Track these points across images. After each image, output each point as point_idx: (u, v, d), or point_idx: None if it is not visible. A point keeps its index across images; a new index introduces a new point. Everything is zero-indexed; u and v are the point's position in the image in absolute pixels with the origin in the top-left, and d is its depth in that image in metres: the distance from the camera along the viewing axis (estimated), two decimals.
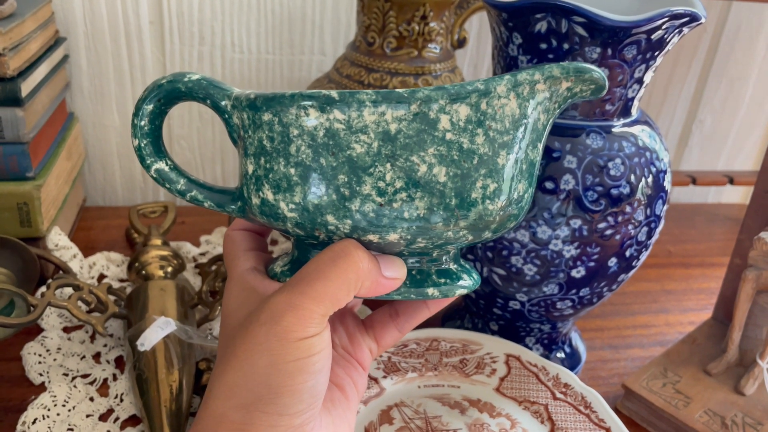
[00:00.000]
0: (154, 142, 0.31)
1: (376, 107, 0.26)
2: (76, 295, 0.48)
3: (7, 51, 0.51)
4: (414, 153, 0.27)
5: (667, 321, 0.62)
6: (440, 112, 0.27)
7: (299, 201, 0.28)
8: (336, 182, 0.27)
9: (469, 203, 0.28)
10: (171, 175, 0.32)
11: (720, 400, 0.48)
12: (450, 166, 0.27)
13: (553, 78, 0.29)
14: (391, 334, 0.35)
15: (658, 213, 0.44)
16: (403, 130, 0.27)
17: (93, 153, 0.74)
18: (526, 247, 0.42)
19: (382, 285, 0.29)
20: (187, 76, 0.30)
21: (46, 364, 0.48)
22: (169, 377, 0.44)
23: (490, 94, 0.27)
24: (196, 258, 0.63)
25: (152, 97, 0.30)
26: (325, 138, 0.27)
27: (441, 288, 0.31)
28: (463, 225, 0.28)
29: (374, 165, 0.27)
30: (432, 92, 0.27)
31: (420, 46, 0.56)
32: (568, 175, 0.41)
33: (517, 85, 0.28)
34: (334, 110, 0.27)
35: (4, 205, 0.54)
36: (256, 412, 0.28)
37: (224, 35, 0.71)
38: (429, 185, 0.27)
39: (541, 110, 0.29)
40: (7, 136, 0.53)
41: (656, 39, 0.38)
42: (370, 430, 0.41)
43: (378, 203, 0.27)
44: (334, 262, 0.28)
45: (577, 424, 0.42)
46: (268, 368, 0.27)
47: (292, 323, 0.27)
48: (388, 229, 0.28)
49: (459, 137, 0.27)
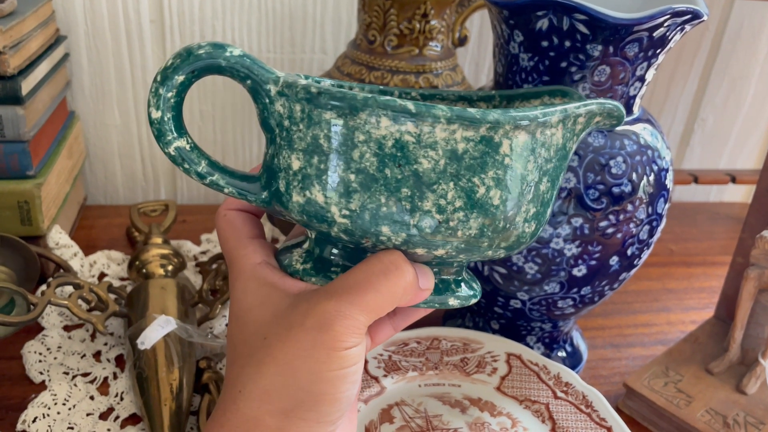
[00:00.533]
0: (177, 116, 0.28)
1: (449, 125, 0.26)
2: (77, 294, 0.48)
3: (8, 49, 0.51)
4: (476, 174, 0.27)
5: (669, 320, 0.62)
6: (504, 137, 0.27)
7: (355, 209, 0.27)
8: (399, 194, 0.27)
9: (512, 226, 0.29)
10: (192, 156, 0.29)
11: (722, 399, 0.47)
12: (504, 189, 0.28)
13: (592, 114, 0.31)
14: (386, 331, 0.35)
15: (660, 211, 0.44)
16: (469, 150, 0.27)
17: (94, 151, 0.74)
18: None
19: (420, 296, 0.30)
20: (228, 49, 0.28)
21: (46, 363, 0.48)
22: (170, 376, 0.44)
23: (546, 124, 0.28)
24: (196, 256, 0.63)
25: (185, 68, 0.27)
26: (393, 149, 0.26)
27: (459, 297, 0.31)
28: (504, 246, 0.29)
29: (438, 182, 0.27)
30: (501, 116, 0.27)
31: (421, 44, 0.56)
32: (569, 174, 0.41)
33: (566, 117, 0.29)
34: (408, 122, 0.26)
35: (5, 204, 0.54)
36: (294, 419, 0.28)
37: (225, 34, 0.70)
38: (485, 207, 0.28)
39: (574, 141, 0.31)
40: (7, 134, 0.53)
41: (658, 37, 0.38)
42: (370, 428, 0.41)
43: (437, 220, 0.27)
44: (385, 276, 0.28)
45: (579, 423, 0.42)
46: (310, 376, 0.27)
47: (340, 333, 0.27)
48: (438, 245, 0.28)
49: (515, 162, 0.28)
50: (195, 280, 0.59)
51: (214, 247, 0.65)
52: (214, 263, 0.57)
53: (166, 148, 0.29)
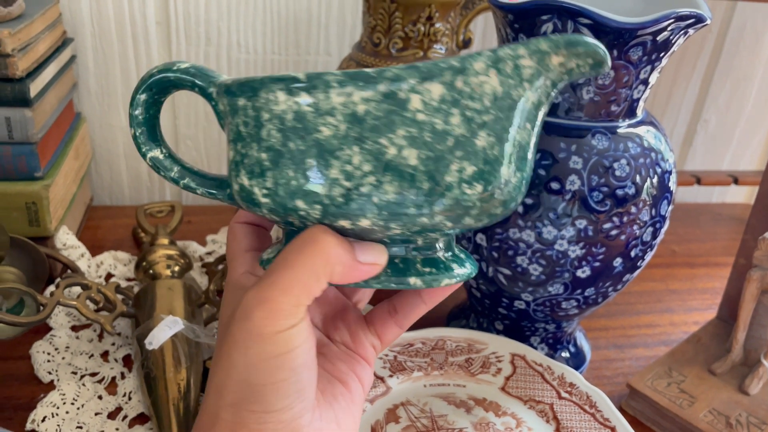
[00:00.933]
0: (150, 130, 0.32)
1: (343, 88, 0.25)
2: (85, 294, 0.48)
3: (16, 52, 0.51)
4: (382, 135, 0.25)
5: (672, 320, 0.62)
6: (411, 92, 0.25)
7: (271, 186, 0.27)
8: (304, 166, 0.26)
9: (443, 188, 0.26)
10: (165, 163, 0.33)
11: (724, 400, 0.48)
12: (422, 148, 0.26)
13: (541, 52, 0.26)
14: (391, 330, 0.35)
15: (663, 213, 0.44)
16: (371, 111, 0.25)
17: (100, 153, 0.74)
18: (531, 247, 0.43)
19: (358, 270, 0.28)
20: (177, 65, 0.31)
21: (54, 363, 0.48)
22: (177, 376, 0.44)
23: (466, 71, 0.25)
24: (202, 257, 0.63)
25: (144, 87, 0.31)
26: (293, 121, 0.26)
27: (425, 278, 0.29)
28: (438, 210, 0.26)
29: (341, 148, 0.26)
30: (402, 71, 0.25)
31: (425, 46, 0.57)
32: (573, 176, 0.41)
33: (497, 61, 0.26)
34: (302, 93, 0.26)
35: (13, 205, 0.55)
36: (243, 411, 0.28)
37: (230, 36, 0.71)
38: (398, 169, 0.26)
39: (530, 88, 0.27)
40: (15, 136, 0.54)
41: (662, 40, 0.39)
42: (376, 428, 0.41)
43: (346, 187, 0.26)
44: (300, 250, 0.27)
45: (582, 424, 0.42)
46: (246, 367, 0.27)
47: (261, 318, 0.27)
48: (358, 214, 0.27)
49: (432, 118, 0.25)
50: (201, 281, 0.59)
51: (220, 248, 0.65)
52: (220, 264, 0.58)
53: (144, 158, 0.33)
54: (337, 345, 0.34)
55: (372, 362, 0.35)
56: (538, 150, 0.42)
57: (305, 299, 0.27)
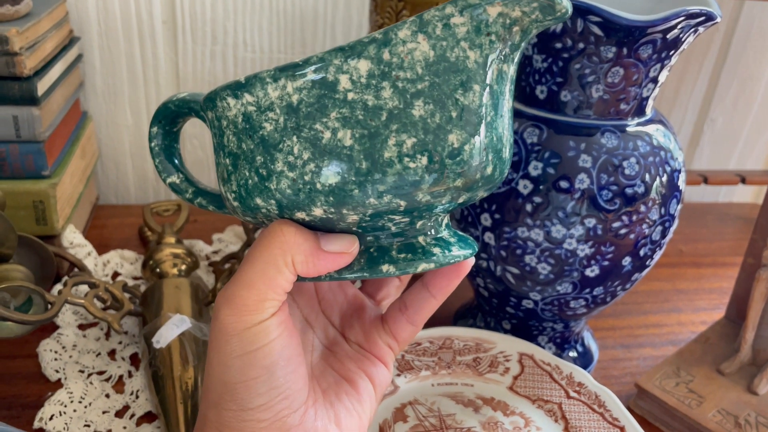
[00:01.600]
0: (168, 158, 0.34)
1: (277, 82, 0.26)
2: (92, 293, 0.48)
3: (24, 50, 0.51)
4: (317, 120, 0.26)
5: (679, 320, 0.62)
6: (338, 73, 0.25)
7: (235, 189, 0.28)
8: (255, 164, 0.27)
9: (382, 164, 0.25)
10: (182, 186, 0.35)
11: (733, 400, 0.48)
12: (355, 127, 0.25)
13: (471, 6, 0.24)
14: (404, 328, 0.34)
15: (672, 212, 0.44)
16: (304, 99, 0.26)
17: (106, 152, 0.74)
18: (540, 246, 0.42)
19: (325, 260, 0.27)
20: (177, 96, 0.33)
21: (62, 361, 0.48)
22: (185, 374, 0.44)
23: (391, 42, 0.25)
24: (208, 256, 0.63)
25: (153, 120, 0.33)
26: (243, 123, 0.27)
27: (398, 264, 0.28)
28: (383, 190, 0.26)
29: (282, 140, 0.26)
30: (325, 54, 0.25)
31: None
32: (582, 174, 0.41)
33: (424, 25, 0.25)
34: (245, 94, 0.27)
35: (21, 204, 0.55)
36: (222, 410, 0.28)
37: (236, 34, 0.71)
38: (335, 152, 0.25)
39: (469, 47, 0.25)
40: (23, 135, 0.54)
41: (672, 38, 0.38)
42: (384, 427, 0.41)
43: (291, 178, 0.26)
44: (258, 243, 0.28)
45: (591, 423, 0.42)
46: (219, 366, 0.27)
47: (227, 315, 0.27)
48: (308, 204, 0.27)
49: (362, 95, 0.25)
50: (207, 280, 0.59)
51: (226, 247, 0.65)
52: (226, 263, 0.58)
53: (165, 182, 0.35)
54: (350, 344, 0.34)
55: (389, 364, 0.34)
56: (547, 148, 0.42)
57: (270, 294, 0.27)
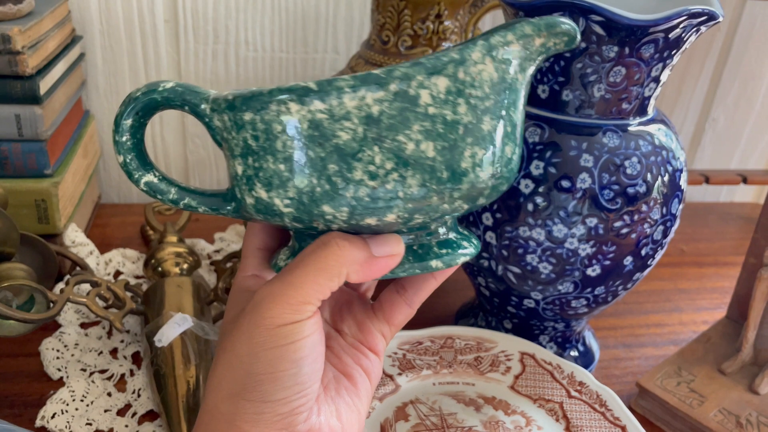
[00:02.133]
0: (139, 155, 0.31)
1: (356, 92, 0.26)
2: (95, 292, 0.48)
3: (26, 49, 0.52)
4: (399, 132, 0.27)
5: (681, 320, 0.62)
6: (420, 88, 0.26)
7: (293, 195, 0.28)
8: (327, 172, 0.27)
9: (460, 174, 0.28)
10: (161, 186, 0.32)
11: (734, 399, 0.48)
12: (437, 140, 0.27)
13: (527, 36, 0.28)
14: (402, 310, 0.34)
15: (674, 212, 0.44)
16: (385, 111, 0.26)
17: (108, 150, 0.74)
18: (541, 246, 0.42)
19: (378, 265, 0.29)
20: (161, 84, 0.30)
21: (64, 360, 0.48)
22: (187, 373, 0.44)
23: (466, 62, 0.27)
24: (210, 255, 0.64)
25: (129, 111, 0.30)
26: (309, 130, 0.27)
27: (443, 258, 0.31)
28: (458, 196, 0.28)
29: (362, 150, 0.27)
30: (409, 69, 0.26)
31: (434, 44, 0.56)
32: (584, 174, 0.41)
33: (491, 48, 0.28)
34: (314, 101, 0.26)
35: (23, 202, 0.55)
36: (241, 401, 0.28)
37: (238, 33, 0.71)
38: (419, 162, 0.27)
39: (518, 70, 0.29)
40: (25, 133, 0.54)
41: (674, 38, 0.38)
42: (386, 426, 0.41)
43: (371, 187, 0.27)
44: (314, 252, 0.29)
45: (593, 423, 0.42)
46: (248, 356, 0.28)
47: (269, 309, 0.28)
48: (384, 210, 0.28)
49: (441, 110, 0.27)
50: (209, 279, 0.59)
51: (227, 246, 0.65)
52: (228, 261, 0.58)
53: (137, 184, 0.31)
54: (345, 337, 0.34)
55: (381, 352, 0.35)
56: (549, 148, 0.42)
57: (314, 297, 0.28)
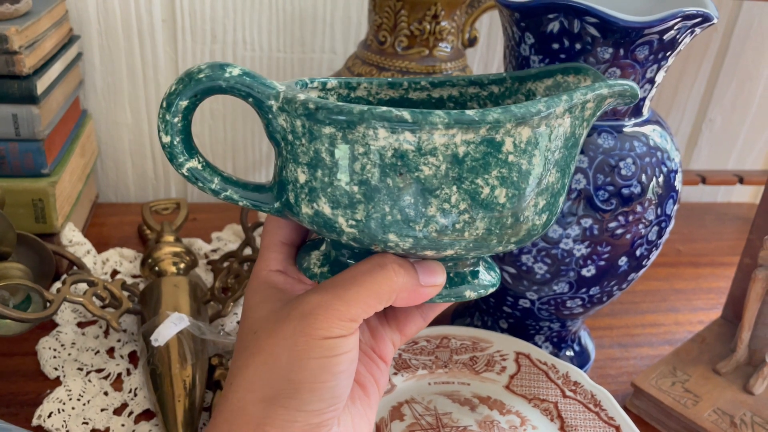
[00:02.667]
0: (186, 139, 0.29)
1: (448, 130, 0.26)
2: (91, 291, 0.48)
3: (23, 49, 0.52)
4: (479, 176, 0.27)
5: (677, 320, 0.62)
6: (506, 135, 0.27)
7: (361, 219, 0.28)
8: (402, 203, 0.27)
9: (521, 221, 0.29)
10: (204, 174, 0.30)
11: (729, 399, 0.48)
12: (510, 187, 0.27)
13: (602, 97, 0.29)
14: (415, 322, 0.35)
15: (669, 213, 0.44)
16: (470, 153, 0.26)
17: (105, 150, 0.74)
18: (536, 246, 0.43)
19: (423, 293, 0.30)
20: (228, 70, 0.28)
21: (60, 359, 0.48)
22: (183, 372, 0.44)
23: (550, 115, 0.27)
24: (207, 255, 0.64)
25: (188, 93, 0.28)
26: (393, 158, 0.26)
27: (475, 288, 0.31)
28: (513, 240, 0.29)
29: (441, 187, 0.27)
30: (501, 115, 0.26)
31: (431, 45, 0.57)
32: (579, 175, 0.41)
33: (572, 106, 0.28)
34: (406, 132, 0.26)
35: (20, 202, 0.55)
36: (275, 407, 0.28)
37: (236, 33, 0.71)
38: (490, 207, 0.27)
39: (585, 126, 0.30)
40: (22, 133, 0.54)
41: (668, 39, 0.39)
42: (381, 426, 0.41)
43: (442, 224, 0.27)
44: (370, 273, 0.29)
45: (587, 422, 0.42)
46: (291, 363, 0.28)
47: (319, 321, 0.28)
48: (446, 247, 0.28)
49: (520, 159, 0.27)
50: (206, 278, 0.59)
51: (225, 246, 0.65)
52: (225, 261, 0.58)
53: (179, 169, 0.29)
54: (360, 347, 0.34)
55: (389, 360, 0.35)
56: None
57: (363, 315, 0.29)
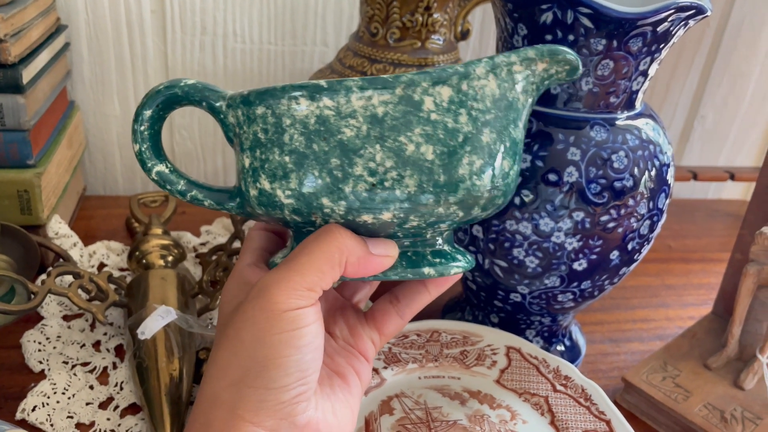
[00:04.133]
0: (154, 146, 0.33)
1: (363, 92, 0.28)
2: (77, 283, 0.48)
3: (9, 37, 0.51)
4: (401, 133, 0.28)
5: (667, 315, 0.62)
6: (424, 94, 0.28)
7: (295, 187, 0.29)
8: (329, 166, 0.29)
9: (457, 179, 0.29)
10: (171, 177, 0.33)
11: (719, 395, 0.48)
12: (437, 144, 0.29)
13: (529, 59, 0.31)
14: (393, 321, 0.36)
15: (661, 206, 0.44)
16: (389, 112, 0.28)
17: (93, 142, 0.74)
18: (528, 240, 0.42)
19: (372, 262, 0.30)
20: (183, 81, 0.32)
21: (45, 352, 0.48)
22: (170, 366, 0.44)
23: (470, 76, 0.29)
24: (196, 248, 0.63)
25: (151, 103, 0.32)
26: (316, 125, 0.28)
27: (437, 267, 0.32)
28: (453, 201, 0.29)
29: (364, 147, 0.28)
30: (415, 76, 0.28)
31: (423, 37, 0.56)
32: (571, 167, 0.41)
33: (495, 67, 0.30)
34: (324, 98, 0.28)
35: (5, 193, 0.54)
36: (244, 388, 0.28)
37: (226, 25, 0.70)
38: (417, 163, 0.28)
39: (520, 90, 0.31)
40: (8, 123, 0.53)
41: (662, 31, 0.38)
42: (370, 420, 0.41)
43: (370, 183, 0.28)
44: (316, 239, 0.30)
45: (577, 416, 0.42)
46: (254, 342, 0.28)
47: (276, 294, 0.28)
48: (381, 208, 0.29)
49: (443, 117, 0.29)
50: (195, 271, 0.59)
51: (214, 239, 0.65)
52: (213, 254, 0.57)
53: (149, 174, 0.33)
54: (336, 340, 0.35)
55: (371, 358, 0.36)
56: (537, 141, 0.41)
57: (317, 284, 0.29)
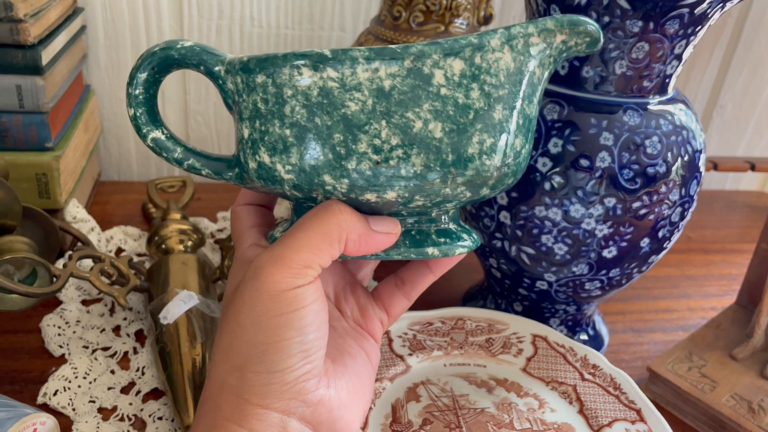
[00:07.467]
0: (150, 110, 0.31)
1: (369, 64, 0.26)
2: (98, 267, 0.47)
3: (28, 17, 0.50)
4: (409, 109, 0.26)
5: (689, 306, 0.61)
6: (434, 67, 0.26)
7: (296, 162, 0.28)
8: (332, 141, 0.27)
9: (466, 159, 0.27)
10: (168, 144, 0.31)
11: (746, 385, 0.47)
12: (446, 121, 0.27)
13: (548, 31, 0.28)
14: (399, 302, 0.36)
15: (692, 194, 0.43)
16: (397, 86, 0.26)
17: (108, 127, 0.73)
18: (557, 226, 0.42)
19: (373, 239, 0.29)
20: (180, 42, 0.30)
21: (65, 336, 0.47)
22: (192, 351, 0.43)
23: (484, 48, 0.27)
24: (213, 234, 0.62)
25: (146, 65, 0.30)
26: (319, 97, 0.27)
27: (441, 247, 0.30)
28: (461, 181, 0.28)
29: (369, 122, 0.26)
30: (425, 47, 0.26)
31: (447, 21, 0.55)
32: (604, 153, 0.40)
33: (511, 38, 0.27)
34: (327, 68, 0.26)
35: (23, 176, 0.54)
36: (247, 373, 0.28)
37: (243, 9, 0.69)
38: (425, 141, 0.27)
39: (537, 64, 0.29)
40: (26, 105, 0.52)
41: (699, 13, 0.37)
42: (396, 406, 0.40)
43: (374, 161, 0.27)
44: (315, 215, 0.28)
45: (607, 405, 0.41)
46: (253, 326, 0.27)
47: (271, 273, 0.27)
48: (385, 186, 0.27)
49: (454, 92, 0.27)
50: (213, 258, 0.58)
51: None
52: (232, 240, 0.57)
53: (144, 140, 0.31)
54: (347, 320, 0.35)
55: (378, 338, 0.35)
56: (568, 125, 0.41)
57: (315, 261, 0.28)
